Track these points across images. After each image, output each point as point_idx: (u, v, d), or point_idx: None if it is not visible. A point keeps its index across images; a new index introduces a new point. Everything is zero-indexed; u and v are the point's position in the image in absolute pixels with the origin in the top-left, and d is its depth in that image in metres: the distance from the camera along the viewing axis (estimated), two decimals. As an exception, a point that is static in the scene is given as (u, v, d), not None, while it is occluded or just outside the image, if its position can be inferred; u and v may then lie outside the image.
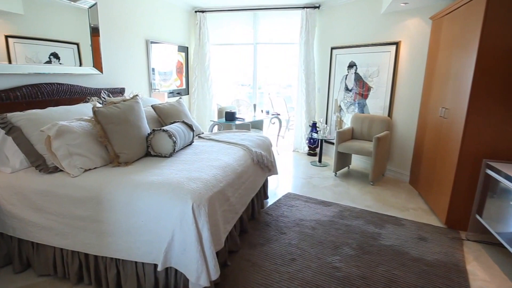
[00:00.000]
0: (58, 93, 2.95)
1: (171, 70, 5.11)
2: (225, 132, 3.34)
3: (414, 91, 3.80)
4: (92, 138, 2.12)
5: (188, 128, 2.77)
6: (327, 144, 5.22)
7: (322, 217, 2.89)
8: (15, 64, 2.55)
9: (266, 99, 7.51)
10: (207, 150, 2.61)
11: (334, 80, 4.95)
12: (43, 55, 2.80)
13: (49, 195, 1.90)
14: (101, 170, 2.04)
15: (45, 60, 2.82)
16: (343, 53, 4.71)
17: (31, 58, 2.68)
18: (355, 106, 4.64)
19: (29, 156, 2.04)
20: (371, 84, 4.35)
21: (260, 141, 3.09)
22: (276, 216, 2.91)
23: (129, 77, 4.08)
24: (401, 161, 4.05)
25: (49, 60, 2.87)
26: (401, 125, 4.02)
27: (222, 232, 1.92)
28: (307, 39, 4.94)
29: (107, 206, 1.77)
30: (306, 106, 5.16)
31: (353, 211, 3.04)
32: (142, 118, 2.42)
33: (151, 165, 2.14)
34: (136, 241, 1.73)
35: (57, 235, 1.92)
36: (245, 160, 2.54)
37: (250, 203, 2.77)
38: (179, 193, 1.68)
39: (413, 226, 2.77)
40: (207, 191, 1.77)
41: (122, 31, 3.86)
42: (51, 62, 2.88)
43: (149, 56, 4.42)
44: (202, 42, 5.47)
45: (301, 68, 5.07)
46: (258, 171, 2.83)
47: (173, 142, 2.36)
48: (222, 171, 2.10)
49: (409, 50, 3.81)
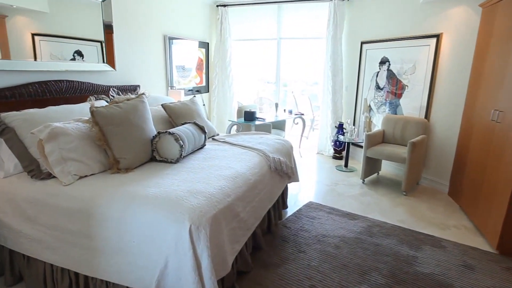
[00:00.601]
0: (67, 91, 2.80)
1: (191, 67, 4.91)
2: (241, 134, 3.07)
3: (457, 91, 3.34)
4: (89, 141, 1.92)
5: (200, 130, 2.52)
6: (355, 147, 4.82)
7: (347, 233, 2.55)
8: (40, 61, 2.56)
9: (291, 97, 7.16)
10: (218, 155, 2.35)
11: (364, 77, 4.54)
12: (68, 52, 2.82)
13: (39, 204, 1.72)
14: (97, 178, 1.83)
15: (69, 58, 2.83)
16: (375, 48, 4.29)
17: (56, 56, 2.70)
18: (386, 106, 4.21)
19: (22, 160, 1.87)
20: (405, 82, 3.91)
21: (279, 145, 2.79)
22: (295, 229, 2.60)
23: (145, 74, 3.91)
24: (439, 169, 3.59)
25: (73, 58, 2.88)
26: (440, 129, 3.56)
27: (229, 254, 1.66)
28: (334, 33, 4.55)
29: (98, 221, 1.56)
30: (333, 106, 4.78)
31: (383, 227, 2.67)
32: (147, 119, 2.20)
33: (153, 173, 1.91)
34: (128, 263, 1.50)
35: (47, 249, 1.73)
36: (260, 167, 2.26)
37: (266, 214, 2.48)
38: (175, 211, 1.42)
39: (456, 249, 2.37)
40: (210, 208, 1.50)
41: (138, 26, 3.69)
42: (75, 60, 2.89)
43: (167, 53, 4.23)
44: (224, 37, 5.23)
45: (328, 65, 4.69)
46: (276, 179, 2.54)
47: (180, 146, 2.12)
48: (232, 183, 1.82)
49: (453, 43, 3.35)
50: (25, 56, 2.47)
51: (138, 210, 1.48)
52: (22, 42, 2.43)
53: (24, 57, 2.46)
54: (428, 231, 2.64)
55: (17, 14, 2.37)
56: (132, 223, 1.48)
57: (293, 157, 3.00)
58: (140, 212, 1.48)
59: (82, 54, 2.96)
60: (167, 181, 1.74)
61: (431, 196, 3.39)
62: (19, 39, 2.41)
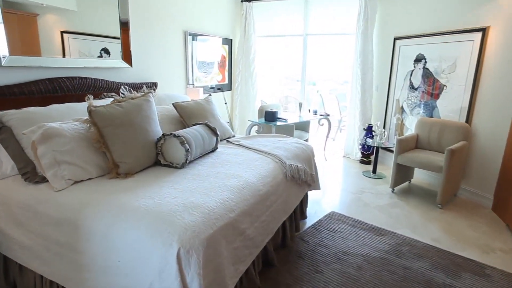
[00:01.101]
0: (80, 88, 2.72)
1: (212, 64, 4.75)
2: (258, 137, 2.85)
3: (505, 92, 2.91)
4: (87, 143, 1.78)
5: (211, 132, 2.33)
6: (385, 151, 4.44)
7: (372, 252, 2.26)
8: (68, 57, 2.63)
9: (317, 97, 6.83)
10: (229, 160, 2.15)
11: (396, 76, 4.15)
12: (95, 50, 2.86)
13: (30, 210, 1.60)
14: (91, 184, 1.68)
15: (97, 55, 2.88)
16: (409, 44, 3.90)
17: (83, 53, 2.75)
18: (421, 107, 3.81)
19: (17, 162, 1.76)
20: (444, 81, 3.50)
21: (299, 149, 2.54)
22: (313, 244, 2.35)
23: (163, 72, 3.79)
24: (481, 180, 3.17)
25: (100, 55, 2.92)
26: (484, 135, 3.14)
27: (231, 277, 1.44)
28: (365, 29, 4.20)
29: (85, 235, 1.40)
30: (361, 106, 4.43)
31: (415, 246, 2.35)
32: (152, 120, 2.03)
33: (153, 180, 1.73)
34: (113, 284, 1.33)
35: (37, 258, 1.61)
36: (274, 176, 2.03)
37: (280, 226, 2.24)
38: (163, 231, 1.23)
39: (504, 279, 2.01)
40: (206, 227, 1.30)
41: (157, 21, 3.57)
42: (102, 57, 2.93)
43: (187, 49, 4.10)
44: (248, 33, 5.02)
45: (357, 62, 4.35)
46: (294, 188, 2.30)
47: (186, 150, 1.94)
48: (238, 195, 1.61)
49: (503, 38, 2.91)
50: (54, 53, 2.53)
51: (125, 225, 1.31)
52: (52, 39, 2.50)
53: (53, 54, 2.52)
54: (468, 254, 2.29)
55: (47, 12, 2.43)
56: (118, 240, 1.31)
57: (314, 163, 2.74)
58: (127, 228, 1.30)
59: (109, 51, 2.99)
60: (164, 191, 1.56)
61: (471, 211, 2.99)
62: (49, 37, 2.47)
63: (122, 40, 3.11)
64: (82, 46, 2.73)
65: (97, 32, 2.85)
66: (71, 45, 2.64)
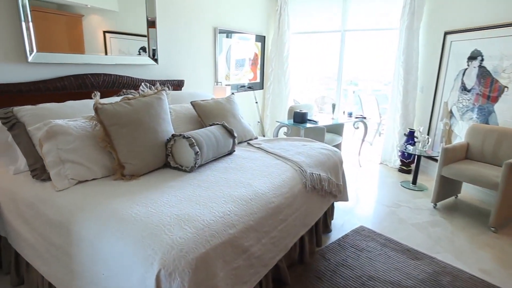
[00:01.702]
0: (105, 84, 2.71)
1: (243, 62, 4.61)
2: (282, 140, 2.64)
3: None
4: (93, 142, 1.70)
5: (227, 133, 2.17)
6: (428, 160, 3.99)
7: (404, 279, 1.96)
8: (110, 54, 2.76)
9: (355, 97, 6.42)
10: (244, 166, 1.97)
11: (446, 76, 3.70)
12: (134, 49, 2.97)
13: (34, 208, 1.55)
14: (93, 185, 1.60)
15: (136, 54, 3.00)
16: (463, 39, 3.44)
17: (123, 51, 2.87)
18: (474, 112, 3.35)
19: (28, 158, 1.73)
20: (504, 82, 3.02)
21: (324, 156, 2.30)
22: (335, 263, 2.10)
23: (191, 69, 3.71)
24: (548, 201, 2.67)
25: (139, 53, 3.03)
26: (553, 147, 2.64)
27: (228, 301, 1.27)
28: (410, 23, 3.79)
29: (76, 241, 1.31)
30: (403, 109, 4.02)
31: (458, 277, 2.00)
32: (162, 120, 1.92)
33: (157, 184, 1.61)
34: (99, 298, 1.22)
35: (39, 257, 1.56)
36: (291, 186, 1.81)
37: (298, 241, 2.02)
38: (147, 247, 1.08)
39: None
40: (197, 245, 1.13)
41: (185, 18, 3.49)
42: (140, 55, 3.04)
43: (216, 46, 3.99)
44: (281, 30, 4.81)
45: (399, 61, 3.95)
46: (315, 200, 2.07)
47: (195, 153, 1.79)
48: (243, 207, 1.43)
49: None
50: (97, 52, 2.67)
51: (112, 235, 1.19)
52: (95, 38, 2.64)
53: (96, 52, 2.66)
54: (527, 291, 1.90)
55: (91, 13, 2.58)
56: (104, 250, 1.19)
57: (342, 171, 2.48)
58: (114, 238, 1.18)
59: (146, 50, 3.08)
60: (163, 198, 1.42)
61: (532, 237, 2.53)
62: (93, 36, 2.62)
63: (148, 33, 3.07)
64: (122, 45, 2.85)
65: (135, 31, 2.95)
66: (112, 44, 2.77)
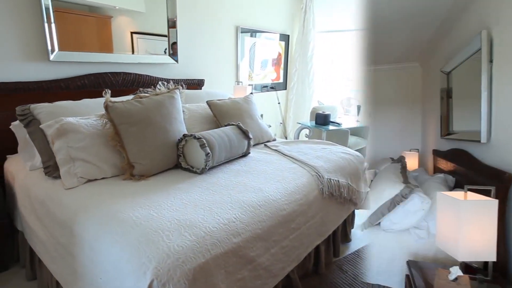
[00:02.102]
0: (124, 83, 2.72)
1: (266, 62, 4.53)
2: (300, 143, 2.53)
3: None
4: (104, 140, 1.69)
5: (242, 134, 2.10)
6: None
7: (428, 297, 1.79)
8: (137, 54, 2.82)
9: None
10: (257, 169, 1.88)
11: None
12: (160, 49, 3.02)
13: (45, 206, 1.56)
14: (102, 184, 1.59)
15: (162, 53, 3.03)
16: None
17: (149, 51, 2.92)
18: None
19: (42, 155, 1.74)
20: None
21: (344, 161, 2.17)
22: (353, 276, 1.96)
23: (212, 68, 3.68)
24: None
25: (164, 53, 3.06)
26: None
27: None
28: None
29: (78, 241, 1.28)
30: (434, 113, 3.77)
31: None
32: (174, 119, 1.87)
33: (165, 186, 1.56)
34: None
35: (48, 255, 1.57)
36: (306, 192, 1.71)
37: (313, 250, 1.91)
38: (141, 254, 1.02)
39: None
40: (196, 254, 1.06)
41: (206, 16, 3.46)
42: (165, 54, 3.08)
43: (238, 45, 3.93)
44: (306, 29, 4.68)
45: (432, 61, 3.70)
46: (334, 207, 1.95)
47: (206, 154, 1.73)
48: (250, 214, 1.34)
49: None
50: (125, 51, 2.72)
51: (110, 238, 1.15)
52: (123, 39, 2.69)
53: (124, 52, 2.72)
54: None
55: (119, 14, 2.63)
56: (102, 254, 1.15)
57: (365, 177, 2.33)
58: (112, 242, 1.13)
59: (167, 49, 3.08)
60: (167, 201, 1.36)
61: None
62: (122, 37, 2.67)
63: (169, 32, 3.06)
64: (149, 46, 2.90)
65: (161, 32, 2.98)
66: (139, 45, 2.82)
